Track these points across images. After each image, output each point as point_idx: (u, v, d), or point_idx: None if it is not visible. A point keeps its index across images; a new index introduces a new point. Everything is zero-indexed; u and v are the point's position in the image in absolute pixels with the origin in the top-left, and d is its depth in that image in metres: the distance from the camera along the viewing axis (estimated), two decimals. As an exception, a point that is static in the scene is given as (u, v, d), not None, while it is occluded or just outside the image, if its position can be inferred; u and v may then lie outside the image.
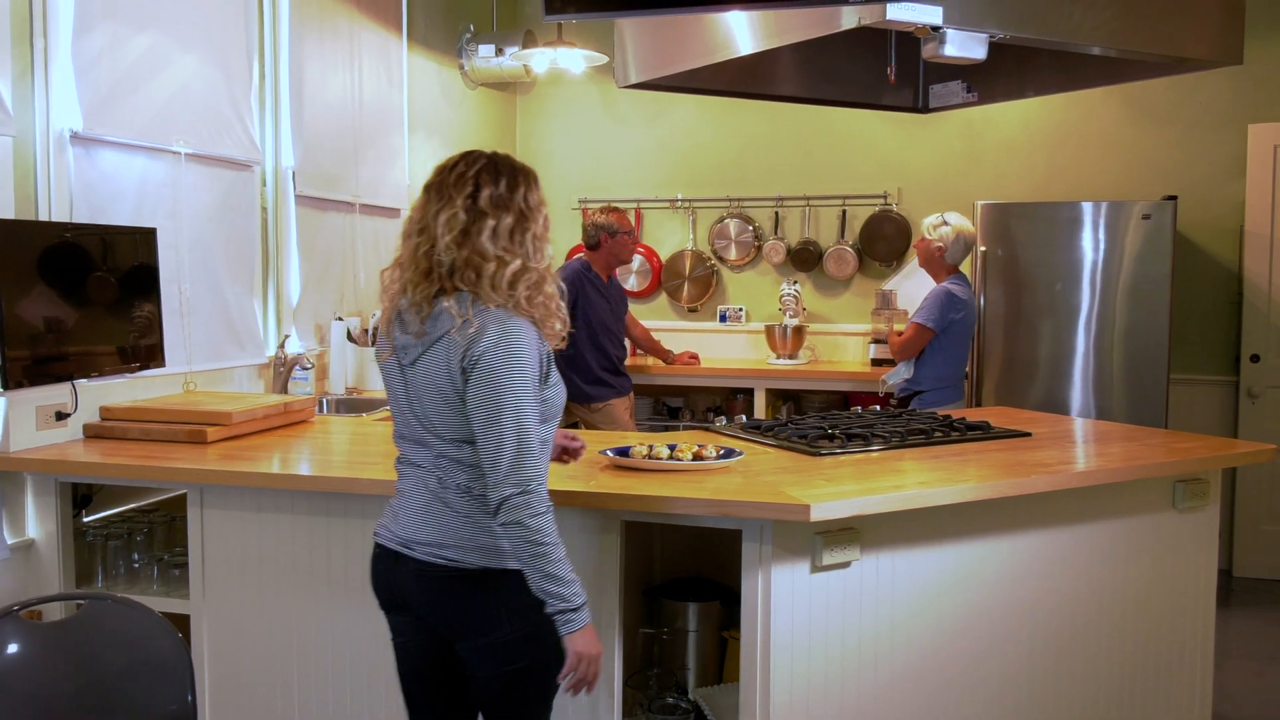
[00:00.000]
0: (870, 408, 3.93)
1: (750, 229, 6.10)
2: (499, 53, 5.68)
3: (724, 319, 6.17)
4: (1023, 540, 2.82)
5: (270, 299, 4.26)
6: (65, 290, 3.05)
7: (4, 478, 3.00)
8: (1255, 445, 3.23)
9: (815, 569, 2.50)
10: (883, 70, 3.70)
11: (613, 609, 2.58)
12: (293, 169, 4.28)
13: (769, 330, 5.80)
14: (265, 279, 4.20)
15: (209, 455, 3.00)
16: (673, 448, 2.80)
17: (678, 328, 6.18)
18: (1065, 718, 2.93)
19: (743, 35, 3.22)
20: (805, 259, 5.98)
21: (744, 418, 3.54)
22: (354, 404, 4.35)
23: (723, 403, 5.90)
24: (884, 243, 5.89)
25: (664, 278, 6.26)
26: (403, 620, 2.23)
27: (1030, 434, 3.32)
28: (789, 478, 2.66)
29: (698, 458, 2.76)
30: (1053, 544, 2.87)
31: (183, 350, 3.60)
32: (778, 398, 5.71)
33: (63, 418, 3.14)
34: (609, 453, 2.80)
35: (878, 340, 5.54)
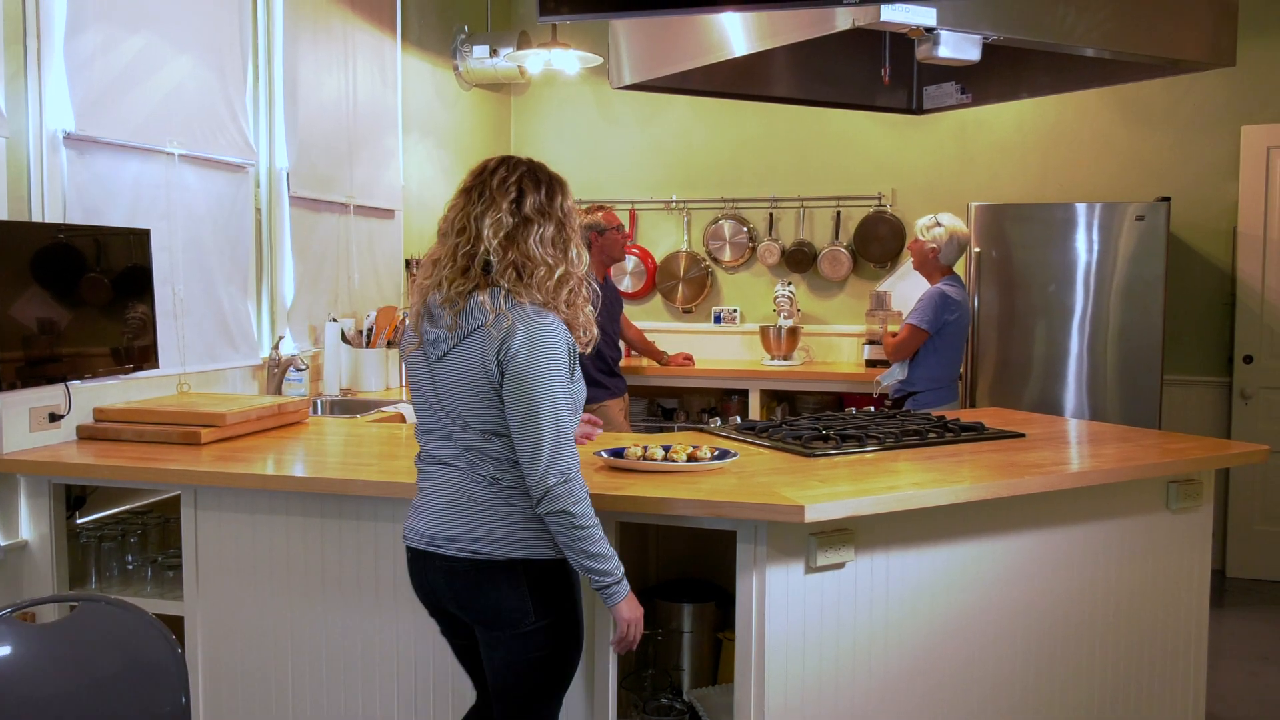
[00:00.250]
0: (865, 409, 3.94)
1: (745, 230, 6.11)
2: (493, 54, 5.68)
3: (718, 320, 6.17)
4: (1017, 541, 2.82)
5: (264, 300, 4.25)
6: (59, 291, 3.04)
7: (-3, 479, 3.00)
8: (1248, 446, 3.23)
9: (810, 570, 2.51)
10: (877, 71, 3.71)
11: (608, 610, 2.58)
12: (287, 170, 4.28)
13: (764, 331, 5.80)
14: (259, 280, 4.20)
15: (203, 456, 2.99)
16: (667, 449, 2.80)
17: (672, 329, 6.19)
18: (1059, 718, 2.93)
19: (737, 36, 3.22)
20: (800, 260, 5.99)
21: (739, 419, 3.54)
22: (348, 405, 4.35)
23: (717, 404, 5.90)
24: (878, 244, 5.90)
25: (658, 279, 6.26)
26: (451, 624, 2.33)
27: (1024, 435, 3.32)
28: (783, 479, 2.66)
29: (692, 459, 2.76)
30: (1047, 545, 2.87)
31: (176, 351, 3.60)
32: (772, 399, 5.71)
33: (56, 419, 3.13)
34: (604, 454, 2.80)
35: (872, 341, 5.54)
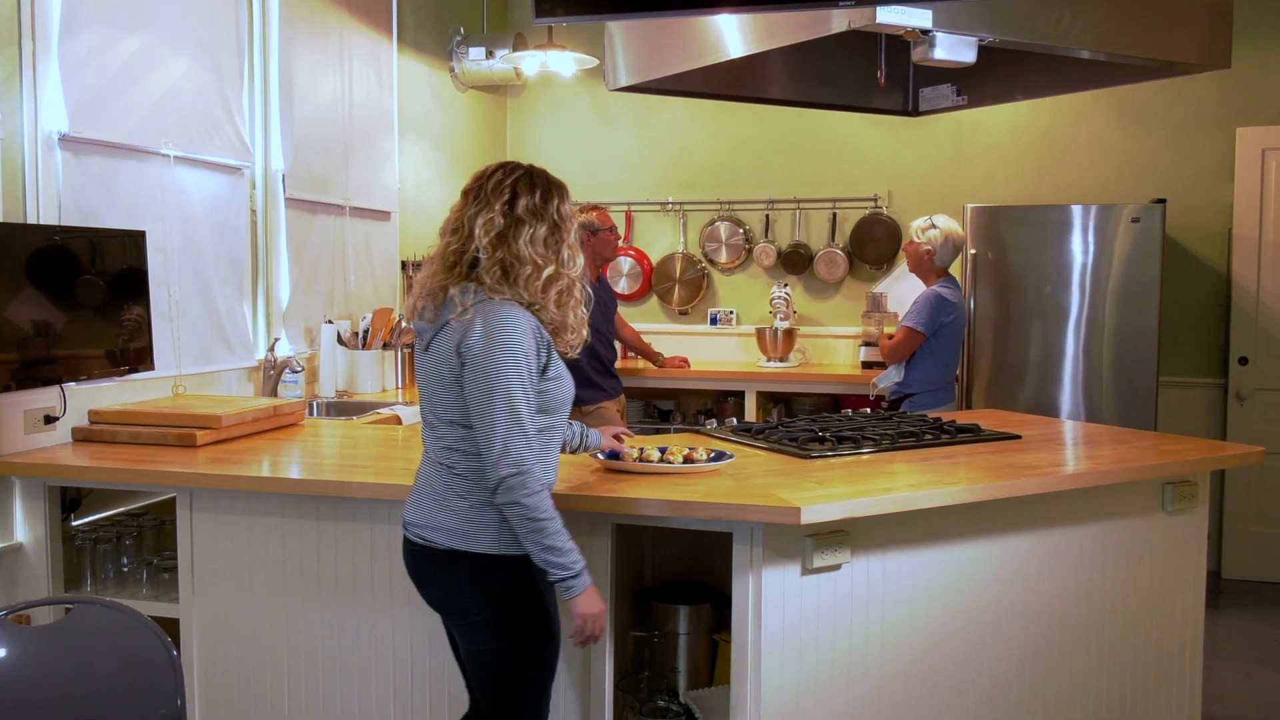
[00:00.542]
0: (860, 410, 3.94)
1: (741, 232, 6.11)
2: (489, 55, 5.68)
3: (715, 322, 6.17)
4: (1013, 542, 2.82)
5: (260, 302, 4.25)
6: (54, 293, 3.03)
7: (-8, 481, 2.99)
8: (1243, 447, 3.24)
9: (806, 571, 2.51)
10: (873, 73, 3.71)
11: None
12: (282, 172, 4.27)
13: (759, 333, 5.80)
14: (255, 282, 4.19)
15: (198, 458, 2.99)
16: (663, 450, 2.80)
17: (669, 330, 6.18)
18: (1055, 719, 2.94)
19: (733, 38, 3.23)
20: (796, 262, 5.99)
21: (734, 420, 3.54)
22: (344, 407, 4.34)
23: (713, 405, 5.91)
24: (874, 246, 5.91)
25: (655, 280, 6.27)
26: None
27: (1020, 436, 3.32)
28: (779, 480, 2.66)
29: (688, 460, 2.76)
30: (1042, 546, 2.87)
31: (172, 353, 3.59)
32: (768, 400, 5.72)
33: (51, 421, 3.13)
34: (600, 455, 2.79)
35: (868, 343, 5.55)
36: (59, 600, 2.90)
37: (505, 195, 2.20)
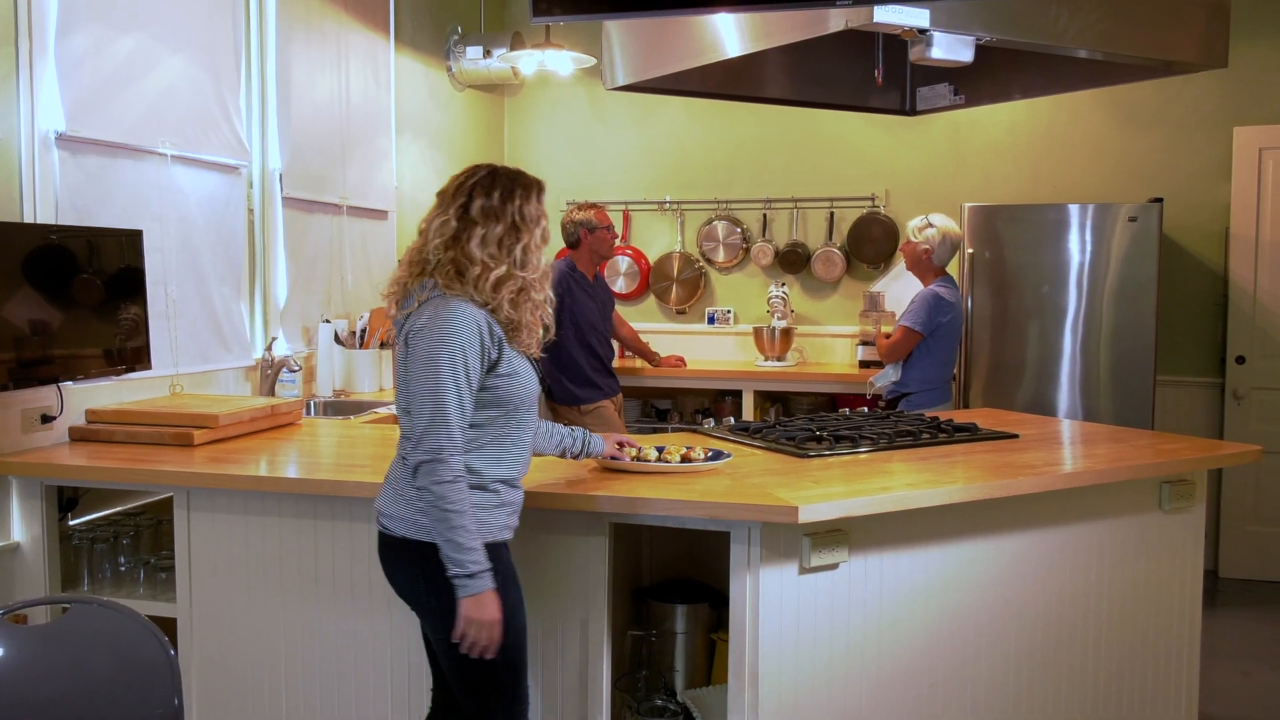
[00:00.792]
0: (858, 410, 3.94)
1: (738, 231, 6.11)
2: (486, 54, 5.67)
3: (712, 321, 6.17)
4: (1010, 541, 2.83)
5: (257, 301, 4.25)
6: (51, 293, 3.03)
7: (-12, 481, 2.99)
8: (1240, 446, 3.25)
9: (803, 570, 2.51)
10: (870, 73, 3.71)
11: (601, 611, 2.58)
12: (280, 171, 4.27)
13: (757, 332, 5.81)
14: (252, 281, 4.19)
15: (195, 458, 2.99)
16: (661, 449, 2.80)
17: (666, 330, 6.18)
18: (1053, 718, 2.94)
19: (730, 38, 3.23)
20: (793, 261, 5.99)
21: (732, 420, 3.54)
22: (341, 406, 4.34)
23: (711, 405, 5.91)
24: (871, 245, 5.91)
25: (652, 280, 6.26)
26: None
27: (1017, 435, 3.33)
28: (777, 479, 2.66)
29: (686, 460, 2.76)
30: (1040, 545, 2.88)
31: (169, 353, 3.59)
32: (766, 400, 5.72)
33: (48, 420, 3.12)
34: (597, 455, 2.79)
35: (865, 342, 5.55)
36: (56, 600, 2.89)
37: (462, 198, 2.27)
